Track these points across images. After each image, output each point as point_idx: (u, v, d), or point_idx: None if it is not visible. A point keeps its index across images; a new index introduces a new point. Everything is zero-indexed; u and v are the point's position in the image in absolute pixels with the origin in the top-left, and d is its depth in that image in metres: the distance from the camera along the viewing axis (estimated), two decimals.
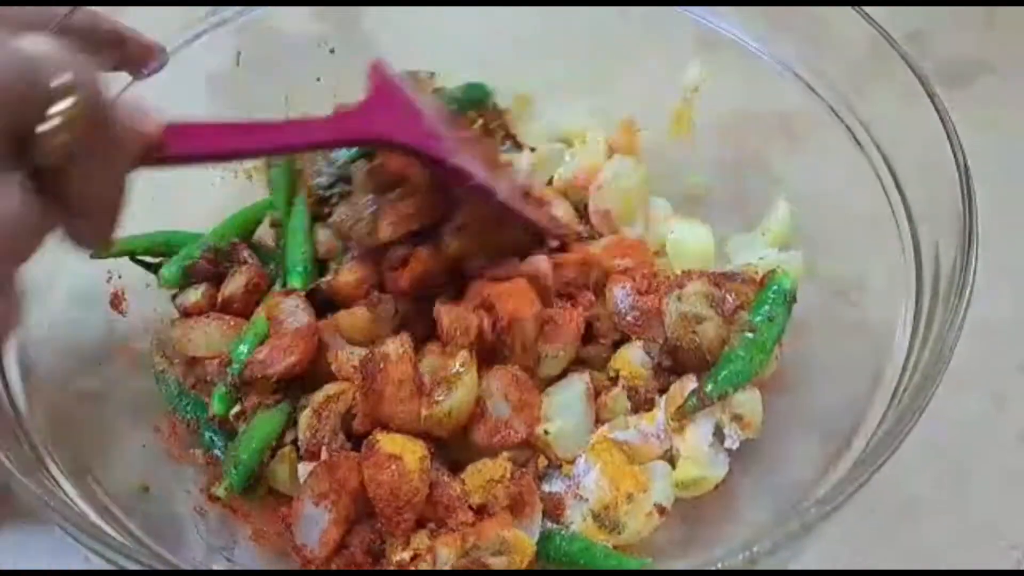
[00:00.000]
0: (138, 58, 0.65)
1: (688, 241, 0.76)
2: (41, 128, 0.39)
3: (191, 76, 0.73)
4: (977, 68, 0.98)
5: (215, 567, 0.59)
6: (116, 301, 0.70)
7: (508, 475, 0.58)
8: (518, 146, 0.82)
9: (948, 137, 0.56)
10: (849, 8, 0.68)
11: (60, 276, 0.65)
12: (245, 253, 0.72)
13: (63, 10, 0.59)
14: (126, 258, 0.71)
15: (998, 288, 0.57)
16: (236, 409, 0.64)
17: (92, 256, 0.66)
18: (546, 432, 0.62)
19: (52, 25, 0.57)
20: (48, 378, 0.61)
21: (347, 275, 0.67)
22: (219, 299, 0.70)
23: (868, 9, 0.68)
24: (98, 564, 0.45)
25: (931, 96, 0.60)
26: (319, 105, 0.73)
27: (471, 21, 0.80)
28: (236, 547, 0.61)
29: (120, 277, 0.70)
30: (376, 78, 0.63)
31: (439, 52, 0.80)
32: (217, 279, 0.71)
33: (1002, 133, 0.89)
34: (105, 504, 0.56)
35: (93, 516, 0.53)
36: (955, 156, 0.56)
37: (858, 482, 0.45)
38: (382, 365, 0.59)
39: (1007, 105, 0.94)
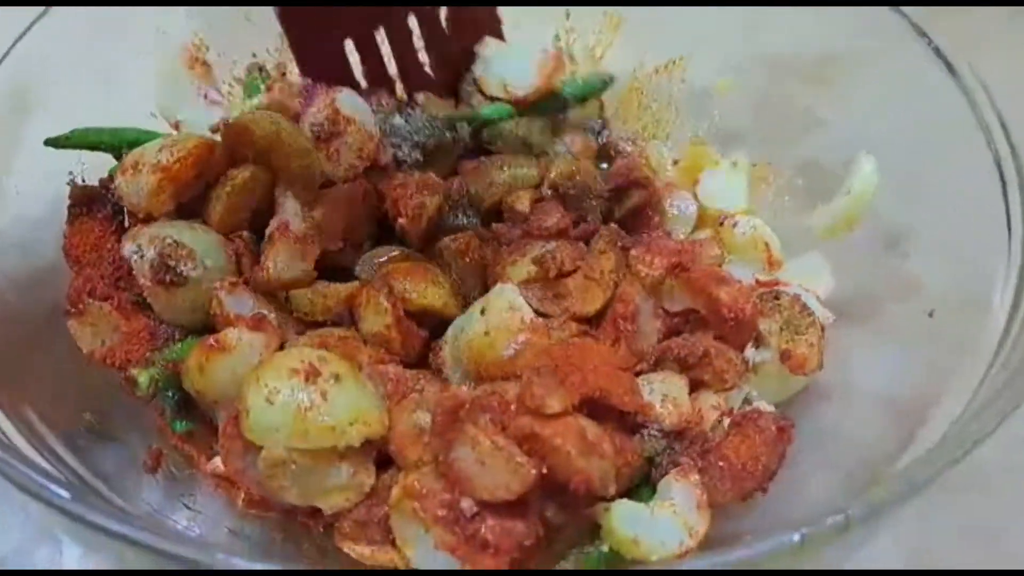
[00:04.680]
0: None
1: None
2: None
3: None
4: None
5: (175, 516, 0.53)
6: None
7: None
8: None
9: None
10: None
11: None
12: None
13: None
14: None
15: None
16: None
17: (47, 143, 0.58)
18: None
19: None
20: None
21: None
22: None
23: None
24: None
25: None
26: None
27: None
28: (198, 493, 0.55)
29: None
30: None
31: None
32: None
33: None
34: (50, 444, 0.50)
35: (36, 457, 0.47)
36: None
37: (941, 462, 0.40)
38: None
39: None
